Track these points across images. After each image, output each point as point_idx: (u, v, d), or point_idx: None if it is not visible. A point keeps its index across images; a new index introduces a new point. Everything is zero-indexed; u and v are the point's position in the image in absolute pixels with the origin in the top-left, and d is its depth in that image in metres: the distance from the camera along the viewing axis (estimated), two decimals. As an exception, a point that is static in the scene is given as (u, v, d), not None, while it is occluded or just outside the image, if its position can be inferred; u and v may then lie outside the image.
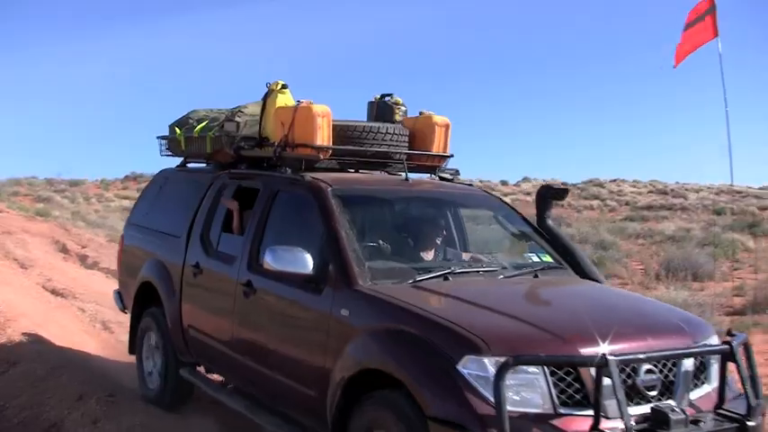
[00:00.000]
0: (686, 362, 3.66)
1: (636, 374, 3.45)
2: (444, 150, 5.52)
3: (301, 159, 5.04)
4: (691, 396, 3.64)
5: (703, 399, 3.68)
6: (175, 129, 6.31)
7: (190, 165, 6.64)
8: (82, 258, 15.12)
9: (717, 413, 3.58)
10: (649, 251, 19.61)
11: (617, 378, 3.27)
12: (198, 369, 5.84)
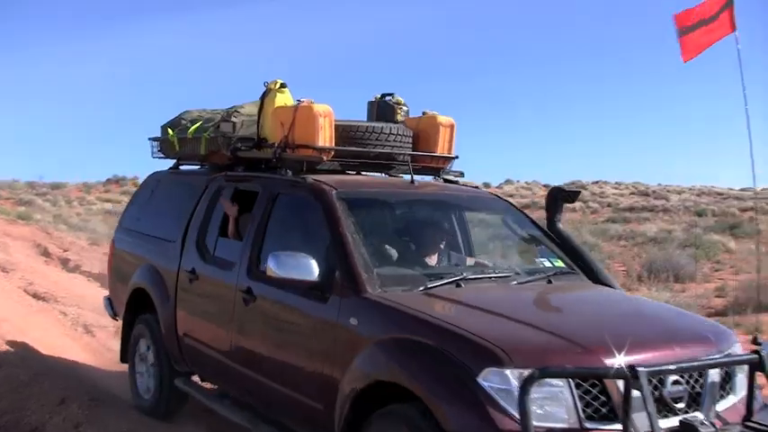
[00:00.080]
0: (713, 372, 3.51)
1: (663, 386, 3.30)
2: (449, 151, 5.36)
3: (302, 161, 4.86)
4: (717, 408, 3.50)
5: (730, 410, 3.54)
6: (168, 130, 6.09)
7: (182, 167, 6.43)
8: (63, 262, 15.22)
9: (745, 425, 3.43)
10: (631, 253, 19.68)
11: (647, 391, 3.11)
12: (192, 378, 5.65)
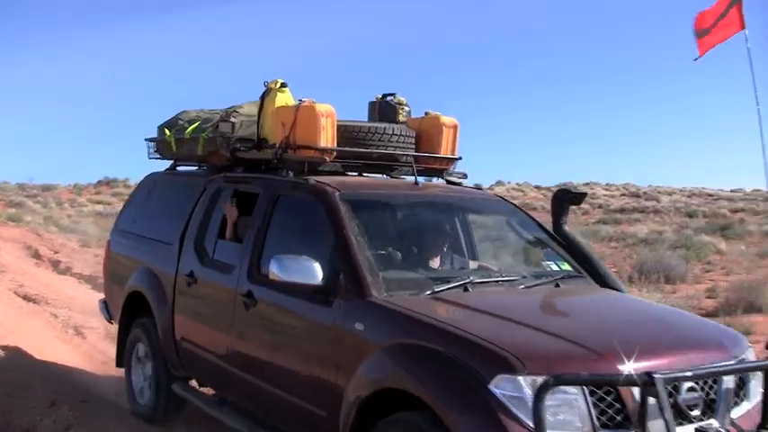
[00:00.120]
0: (727, 378, 3.43)
1: (677, 392, 3.23)
2: (452, 153, 5.28)
3: (304, 162, 4.77)
4: (732, 415, 3.42)
5: (744, 417, 3.46)
6: (165, 130, 5.98)
7: (179, 168, 6.33)
8: (54, 264, 15.18)
9: None
10: (622, 254, 19.63)
11: (665, 398, 3.04)
12: (190, 383, 5.55)
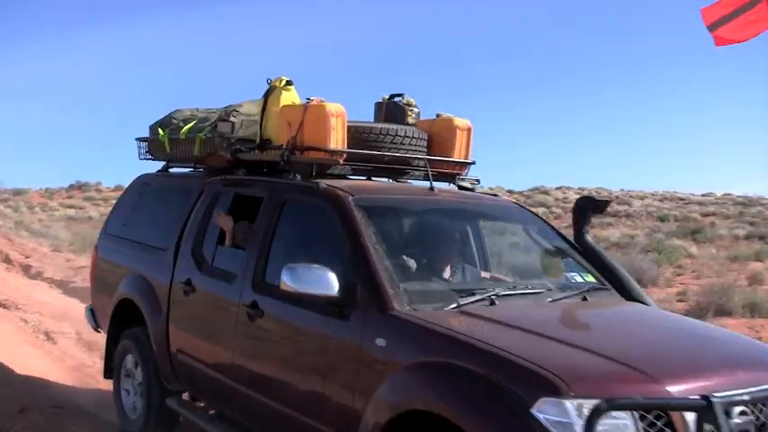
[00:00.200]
0: None
1: (729, 416, 3.02)
2: (466, 157, 5.04)
3: (312, 164, 4.50)
4: None
5: None
6: (158, 130, 5.67)
7: (171, 169, 6.02)
8: (25, 268, 15.16)
9: None
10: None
11: (725, 423, 2.84)
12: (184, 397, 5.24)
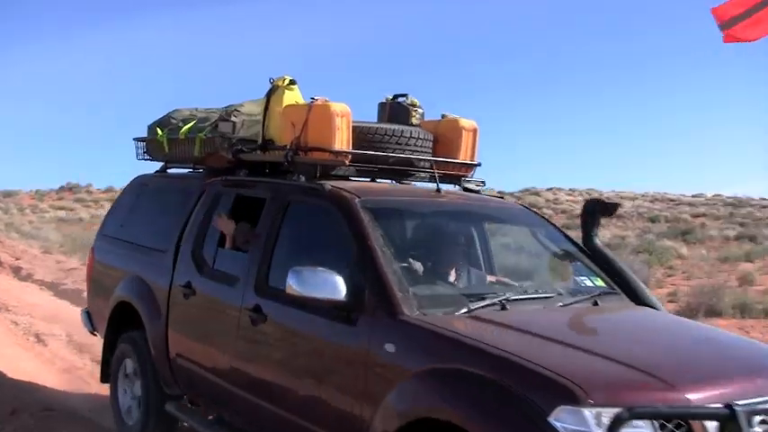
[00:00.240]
0: None
1: (750, 425, 2.94)
2: (472, 158, 4.95)
3: (316, 165, 4.41)
4: None
5: None
6: (157, 129, 5.57)
7: (170, 170, 5.91)
8: (15, 270, 15.08)
9: None
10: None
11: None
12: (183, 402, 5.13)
